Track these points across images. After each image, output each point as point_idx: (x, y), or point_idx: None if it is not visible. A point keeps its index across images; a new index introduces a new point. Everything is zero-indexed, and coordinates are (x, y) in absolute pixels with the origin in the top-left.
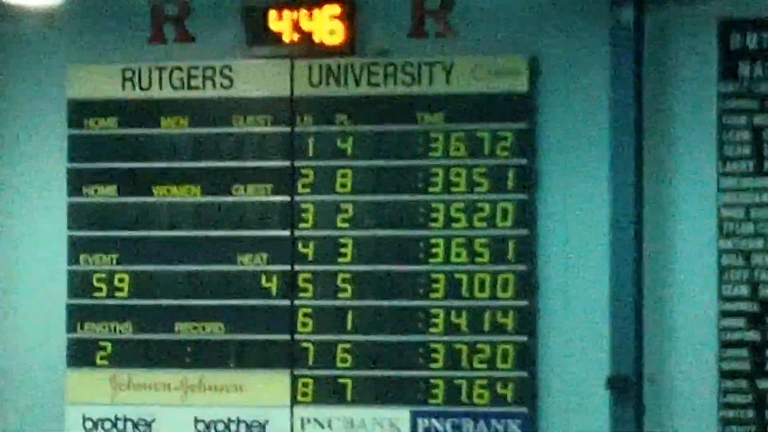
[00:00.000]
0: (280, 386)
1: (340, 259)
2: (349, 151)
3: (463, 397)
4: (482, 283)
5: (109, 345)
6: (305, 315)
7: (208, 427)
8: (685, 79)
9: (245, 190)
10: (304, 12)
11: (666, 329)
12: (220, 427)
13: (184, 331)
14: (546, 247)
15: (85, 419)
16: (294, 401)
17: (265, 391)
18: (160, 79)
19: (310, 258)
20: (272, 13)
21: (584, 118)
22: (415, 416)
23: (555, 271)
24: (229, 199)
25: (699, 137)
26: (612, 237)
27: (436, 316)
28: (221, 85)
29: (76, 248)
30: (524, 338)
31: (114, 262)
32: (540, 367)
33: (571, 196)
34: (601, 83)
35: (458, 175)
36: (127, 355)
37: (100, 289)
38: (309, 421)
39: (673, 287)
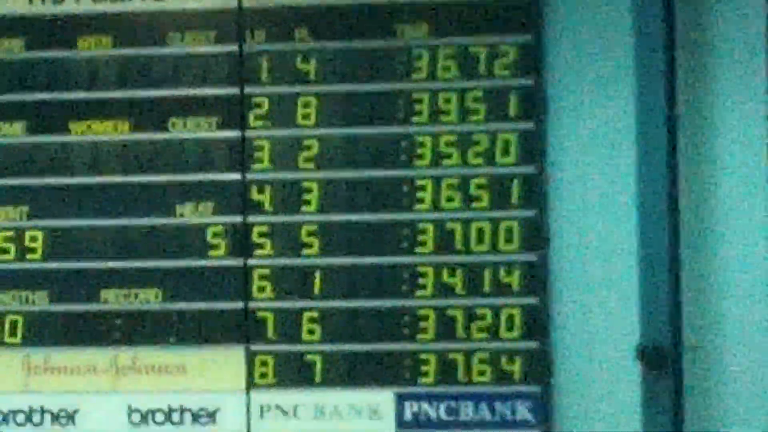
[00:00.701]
0: (233, 366)
1: (304, 208)
2: (312, 73)
3: (460, 375)
4: (480, 234)
5: (19, 319)
6: (262, 277)
7: (144, 417)
8: None
9: (184, 124)
10: None
11: (709, 287)
12: (159, 417)
13: (112, 300)
14: (558, 188)
15: None
16: (251, 385)
17: (214, 372)
18: None
19: (267, 207)
20: None
21: (602, 28)
22: (400, 400)
23: (570, 217)
24: (165, 136)
25: (746, 54)
26: (640, 173)
27: (423, 275)
28: None
29: None
30: (533, 300)
31: (24, 216)
32: (554, 335)
33: (588, 123)
34: None
35: (448, 100)
36: (43, 332)
37: (7, 251)
38: (269, 408)
39: (717, 236)
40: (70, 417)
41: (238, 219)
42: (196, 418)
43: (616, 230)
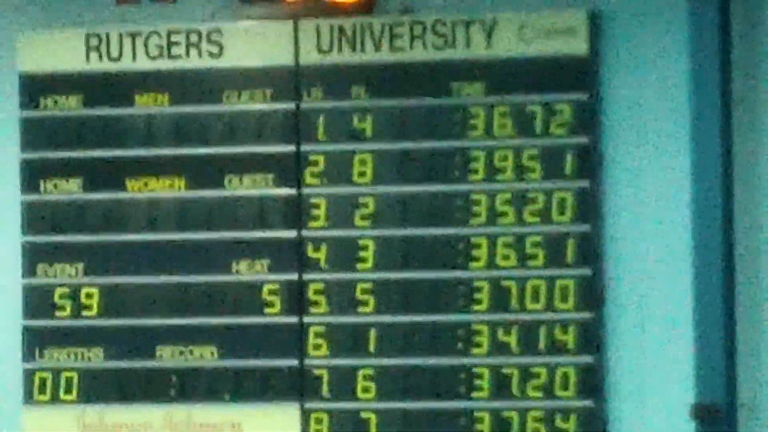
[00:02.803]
0: (287, 423)
1: (359, 266)
2: (368, 131)
3: None
4: (536, 293)
5: (75, 376)
6: (317, 335)
7: None
8: None
9: (241, 182)
10: None
11: (765, 345)
12: None
13: (167, 357)
14: (614, 247)
15: None
16: None
17: (269, 430)
18: (133, 46)
19: (322, 265)
20: None
21: (658, 87)
22: None
23: (625, 276)
24: (221, 193)
25: None
26: (695, 233)
27: (479, 333)
28: (209, 53)
29: (33, 257)
30: (589, 359)
31: (79, 273)
32: (609, 394)
33: (644, 182)
34: (679, 43)
35: (504, 158)
36: (98, 388)
37: (63, 308)
38: None
39: None
40: None
41: (293, 276)
42: None
43: (671, 289)
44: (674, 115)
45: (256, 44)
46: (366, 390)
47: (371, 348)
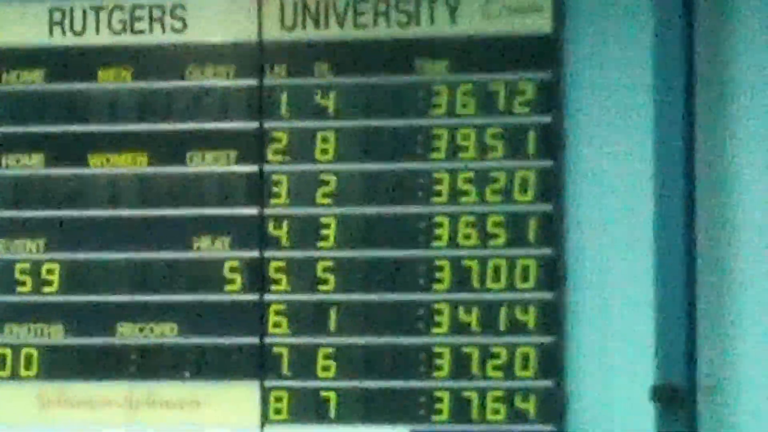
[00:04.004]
0: (247, 402)
1: (321, 243)
2: (332, 108)
3: (474, 413)
4: (497, 272)
5: (35, 352)
6: (278, 313)
7: None
8: (747, 17)
9: (203, 158)
10: None
11: (727, 327)
12: None
13: (128, 334)
14: (576, 227)
15: None
16: (265, 420)
17: (229, 407)
18: (97, 21)
19: (284, 242)
20: None
21: (622, 66)
22: None
23: (587, 256)
24: (183, 169)
25: (766, 89)
26: (657, 213)
27: (440, 312)
28: (172, 28)
29: None
30: (549, 339)
31: (41, 249)
32: (569, 375)
33: (607, 162)
34: (643, 22)
35: (467, 137)
36: (58, 365)
37: (24, 283)
38: None
39: (735, 275)
40: None
41: (255, 254)
42: None
43: (633, 270)
44: (638, 94)
45: (219, 20)
46: (326, 368)
47: (332, 326)
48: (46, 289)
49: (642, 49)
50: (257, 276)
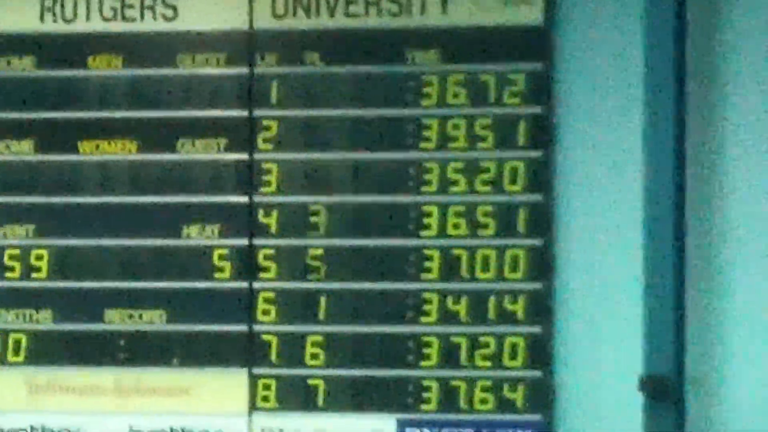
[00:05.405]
0: (235, 389)
1: (310, 232)
2: (322, 97)
3: (462, 403)
4: (486, 262)
5: (23, 338)
6: (266, 301)
7: None
8: (738, 9)
9: (193, 146)
10: None
11: (715, 319)
12: None
13: (116, 320)
14: (565, 217)
15: None
16: (253, 407)
17: (217, 394)
18: (88, 8)
19: (273, 230)
20: None
21: (612, 58)
22: (402, 426)
23: (576, 247)
24: (173, 157)
25: (757, 87)
26: (647, 204)
27: (429, 302)
28: (163, 16)
29: None
30: (538, 329)
31: (30, 234)
32: (557, 365)
33: (597, 153)
34: (634, 14)
35: (457, 127)
36: (47, 351)
37: (12, 269)
38: (271, 431)
39: (725, 267)
40: None
41: (244, 242)
42: None
43: (622, 261)
44: (628, 85)
45: (210, 8)
46: (314, 357)
47: (320, 315)
48: (35, 275)
49: (633, 41)
50: (246, 264)
